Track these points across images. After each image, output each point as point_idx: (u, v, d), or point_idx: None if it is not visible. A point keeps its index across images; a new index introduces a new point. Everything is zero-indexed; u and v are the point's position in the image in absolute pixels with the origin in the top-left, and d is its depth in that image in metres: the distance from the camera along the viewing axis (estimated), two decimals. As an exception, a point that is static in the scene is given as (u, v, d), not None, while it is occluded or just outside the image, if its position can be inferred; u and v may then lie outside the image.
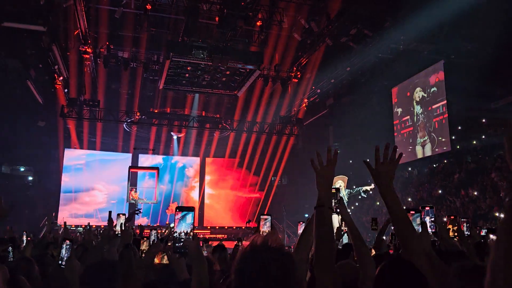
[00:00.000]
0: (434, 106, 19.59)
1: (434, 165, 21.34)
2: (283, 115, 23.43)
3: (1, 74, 17.47)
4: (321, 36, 17.19)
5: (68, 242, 2.33)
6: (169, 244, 4.68)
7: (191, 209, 1.80)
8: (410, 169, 23.28)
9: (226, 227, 25.16)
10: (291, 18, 17.38)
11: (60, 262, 2.26)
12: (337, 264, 2.75)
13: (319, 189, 1.75)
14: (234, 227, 25.32)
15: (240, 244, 4.99)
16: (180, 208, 1.79)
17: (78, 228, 19.40)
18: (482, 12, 14.05)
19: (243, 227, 24.42)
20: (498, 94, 18.51)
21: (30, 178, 24.43)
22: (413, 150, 21.26)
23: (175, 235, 1.75)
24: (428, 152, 20.34)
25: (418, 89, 20.84)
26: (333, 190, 2.45)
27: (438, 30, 15.63)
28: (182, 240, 1.73)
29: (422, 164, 21.94)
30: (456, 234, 3.53)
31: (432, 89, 19.62)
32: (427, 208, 2.92)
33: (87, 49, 16.96)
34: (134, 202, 22.94)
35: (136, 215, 3.77)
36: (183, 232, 1.74)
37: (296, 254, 1.83)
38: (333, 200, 2.41)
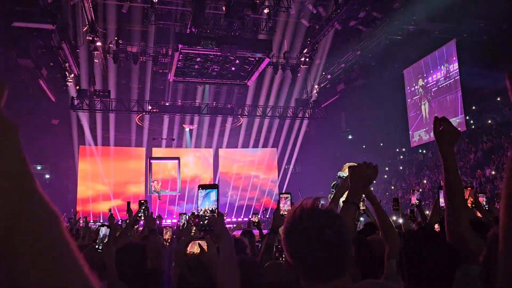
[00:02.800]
0: (448, 87, 19.31)
1: (449, 146, 21.11)
2: (299, 98, 23.22)
3: (13, 74, 17.65)
4: (329, 21, 16.99)
5: (106, 227, 2.38)
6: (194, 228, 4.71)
7: (214, 186, 1.79)
8: (424, 151, 23.08)
9: (242, 218, 25.28)
10: (298, 4, 17.21)
11: (97, 246, 2.32)
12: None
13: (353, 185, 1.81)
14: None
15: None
16: (202, 186, 1.78)
17: (97, 223, 19.71)
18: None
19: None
20: (512, 71, 18.13)
21: (47, 176, 24.82)
22: (428, 131, 21.06)
23: (200, 213, 1.74)
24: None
25: (420, 79, 21.01)
26: None
27: (449, 8, 15.31)
28: (207, 218, 1.72)
29: (437, 146, 21.71)
30: (473, 206, 3.48)
31: (445, 69, 19.33)
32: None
33: (96, 41, 16.86)
34: (157, 193, 23.14)
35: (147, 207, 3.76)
36: (208, 209, 1.74)
37: None
38: None
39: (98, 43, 17.08)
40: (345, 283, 1.13)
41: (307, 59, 19.04)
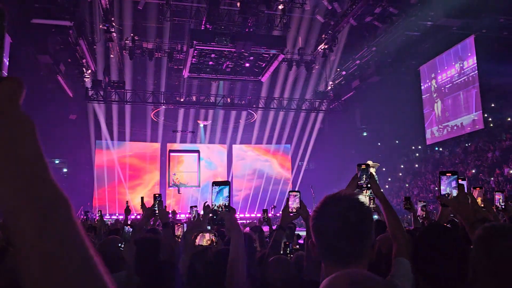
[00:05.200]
0: (464, 83, 19.00)
1: (467, 144, 20.80)
2: (318, 91, 23.02)
3: (32, 70, 18.02)
4: (344, 17, 16.86)
5: (129, 227, 2.50)
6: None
7: (226, 183, 1.88)
8: (441, 149, 22.78)
9: (255, 214, 25.38)
10: (313, 0, 17.11)
11: (119, 244, 2.45)
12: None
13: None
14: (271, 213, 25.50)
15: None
16: (216, 183, 1.87)
17: (113, 216, 20.03)
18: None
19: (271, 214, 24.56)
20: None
21: (65, 170, 25.32)
22: (442, 129, 20.78)
23: (214, 208, 1.84)
24: (456, 131, 19.84)
25: (433, 76, 20.81)
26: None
27: (468, 3, 15.03)
28: (219, 212, 1.81)
29: (454, 144, 21.41)
30: (483, 205, 3.44)
31: (462, 66, 19.02)
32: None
33: (111, 31, 16.83)
34: (177, 187, 23.35)
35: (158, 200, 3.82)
36: (222, 205, 1.82)
37: None
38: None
39: (113, 34, 17.10)
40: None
41: (327, 50, 18.67)
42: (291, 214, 2.70)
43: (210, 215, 1.96)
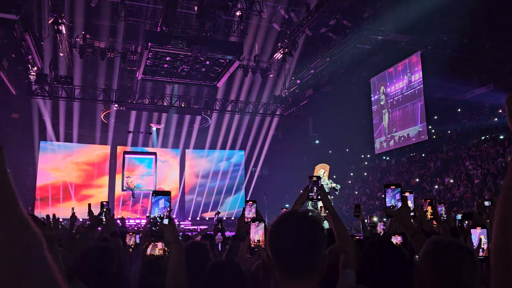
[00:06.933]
0: (410, 96, 19.95)
1: (412, 154, 21.81)
2: (276, 95, 23.11)
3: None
4: (300, 27, 17.21)
5: None
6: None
7: (166, 193, 1.83)
8: (388, 158, 23.72)
9: (207, 218, 25.16)
10: (271, 9, 17.34)
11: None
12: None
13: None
14: (215, 220, 25.31)
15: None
16: (156, 193, 1.81)
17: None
18: (458, 3, 14.33)
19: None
20: (473, 84, 19.00)
21: (5, 172, 23.75)
22: (389, 140, 21.66)
23: (151, 219, 1.77)
24: (402, 142, 20.77)
25: (382, 88, 21.67)
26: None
27: (416, 21, 15.84)
28: (158, 224, 1.76)
29: (400, 154, 22.38)
30: (432, 217, 3.62)
31: (409, 80, 19.97)
32: (407, 194, 2.95)
33: (59, 23, 15.86)
34: (131, 190, 22.49)
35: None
36: (157, 216, 1.77)
37: None
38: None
39: (62, 26, 16.17)
40: (315, 285, 1.24)
41: (287, 55, 18.71)
42: (247, 224, 2.68)
43: (148, 225, 1.90)
